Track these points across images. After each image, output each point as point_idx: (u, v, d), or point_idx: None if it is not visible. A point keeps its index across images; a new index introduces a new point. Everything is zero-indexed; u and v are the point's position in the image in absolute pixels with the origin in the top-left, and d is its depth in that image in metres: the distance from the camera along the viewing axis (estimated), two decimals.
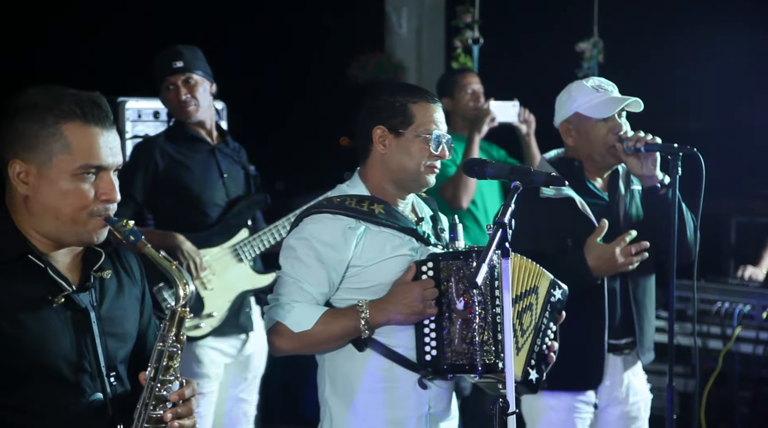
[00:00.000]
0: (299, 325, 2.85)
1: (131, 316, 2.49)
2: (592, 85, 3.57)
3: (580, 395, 3.58)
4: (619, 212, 3.61)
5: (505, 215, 2.73)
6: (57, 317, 2.32)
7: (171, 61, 4.30)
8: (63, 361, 2.31)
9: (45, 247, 2.35)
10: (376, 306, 2.86)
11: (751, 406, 5.12)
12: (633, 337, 3.61)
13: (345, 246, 2.88)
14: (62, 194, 2.30)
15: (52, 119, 2.29)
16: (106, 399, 2.36)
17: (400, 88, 3.04)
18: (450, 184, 5.31)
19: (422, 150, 2.95)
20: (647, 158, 3.50)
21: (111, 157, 2.35)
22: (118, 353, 2.42)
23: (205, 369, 4.23)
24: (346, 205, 2.92)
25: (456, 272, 2.87)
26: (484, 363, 2.85)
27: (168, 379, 2.35)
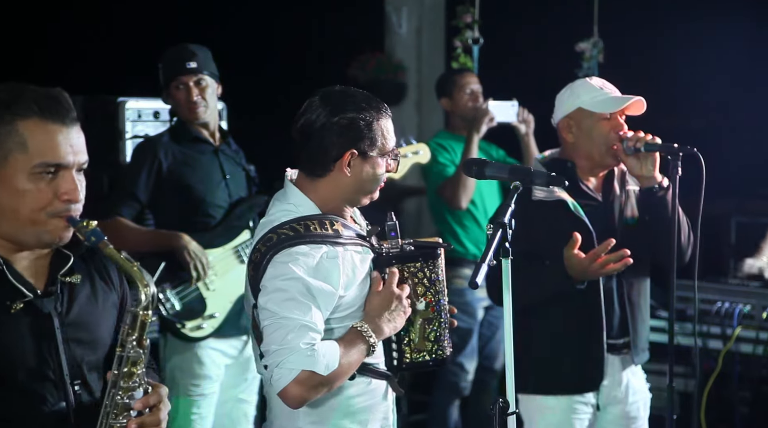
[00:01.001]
0: (328, 368, 2.65)
1: (104, 322, 2.38)
2: (597, 84, 3.58)
3: (579, 396, 3.58)
4: (614, 213, 3.61)
5: (504, 215, 2.74)
6: (15, 324, 2.21)
7: (184, 61, 4.27)
8: (21, 369, 2.21)
9: (6, 251, 2.26)
10: (373, 323, 2.78)
11: (751, 406, 5.12)
12: (630, 337, 3.62)
13: (332, 277, 2.71)
14: (19, 194, 2.20)
15: (8, 116, 2.19)
16: (69, 408, 2.27)
17: (362, 103, 2.79)
18: (449, 184, 5.31)
19: (384, 169, 2.84)
20: (647, 159, 3.49)
21: (72, 155, 2.23)
22: (86, 360, 2.32)
23: (206, 370, 4.23)
24: (312, 231, 2.74)
25: (414, 274, 2.86)
26: (442, 357, 2.92)
27: (131, 386, 2.23)
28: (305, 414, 2.79)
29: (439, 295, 2.90)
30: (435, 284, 2.90)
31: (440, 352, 2.91)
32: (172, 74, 4.28)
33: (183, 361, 4.22)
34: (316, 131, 2.77)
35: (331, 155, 2.77)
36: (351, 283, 2.78)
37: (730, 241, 5.88)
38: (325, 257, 2.72)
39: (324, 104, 2.78)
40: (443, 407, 5.62)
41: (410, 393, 6.01)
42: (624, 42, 6.24)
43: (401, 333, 2.87)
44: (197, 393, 4.23)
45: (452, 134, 5.58)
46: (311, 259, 2.70)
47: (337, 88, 2.86)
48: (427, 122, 7.27)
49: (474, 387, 5.63)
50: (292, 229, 2.74)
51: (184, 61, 4.26)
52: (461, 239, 5.46)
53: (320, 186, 2.81)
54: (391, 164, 2.84)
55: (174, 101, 4.32)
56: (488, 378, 5.67)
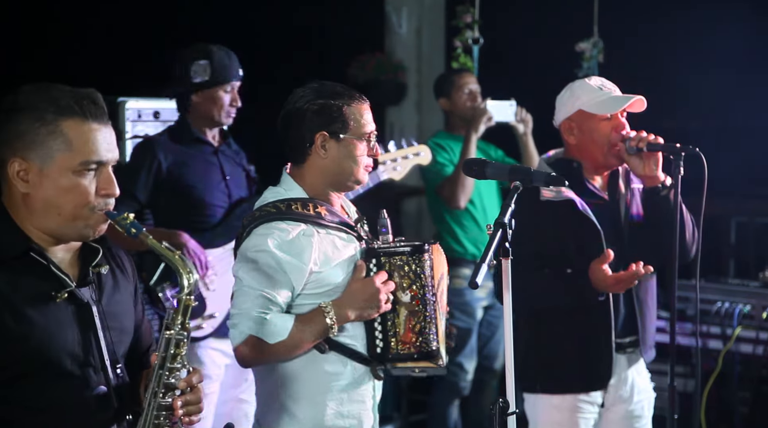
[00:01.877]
0: (275, 336, 2.85)
1: (128, 311, 2.52)
2: (596, 84, 3.58)
3: (584, 395, 3.58)
4: (620, 211, 3.62)
5: (504, 215, 2.74)
6: (61, 312, 2.34)
7: (238, 68, 4.29)
8: (68, 355, 2.34)
9: (45, 244, 2.37)
10: (340, 305, 2.91)
11: (751, 406, 5.12)
12: (637, 335, 3.62)
13: (304, 254, 2.89)
14: (64, 190, 2.33)
15: (51, 116, 2.31)
16: (111, 391, 2.39)
17: (331, 91, 2.98)
18: (448, 183, 5.32)
19: (362, 152, 2.99)
20: (649, 158, 3.50)
21: (109, 152, 2.37)
22: (120, 347, 2.45)
23: (206, 369, 4.23)
24: (293, 210, 2.93)
25: (400, 267, 2.98)
26: (429, 351, 2.99)
27: (176, 367, 2.38)
28: (283, 388, 2.96)
29: (424, 289, 2.98)
30: (421, 278, 2.98)
31: (425, 345, 2.98)
32: (227, 77, 4.25)
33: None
34: (291, 120, 2.98)
35: (306, 139, 2.96)
36: (328, 261, 2.92)
37: (730, 241, 5.88)
38: (301, 235, 2.89)
39: (299, 96, 3.00)
40: (443, 407, 5.62)
41: (410, 393, 6.01)
42: (624, 42, 6.24)
43: (387, 323, 2.97)
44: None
45: (451, 134, 5.58)
46: (287, 234, 2.89)
47: (314, 82, 3.03)
48: (427, 122, 7.26)
49: (474, 387, 5.63)
50: (274, 207, 2.95)
51: (237, 67, 4.29)
52: (460, 238, 5.46)
53: (305, 173, 3.00)
54: (372, 148, 3.00)
55: (212, 101, 4.26)
56: (488, 378, 5.67)
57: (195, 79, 4.24)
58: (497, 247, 2.73)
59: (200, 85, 4.24)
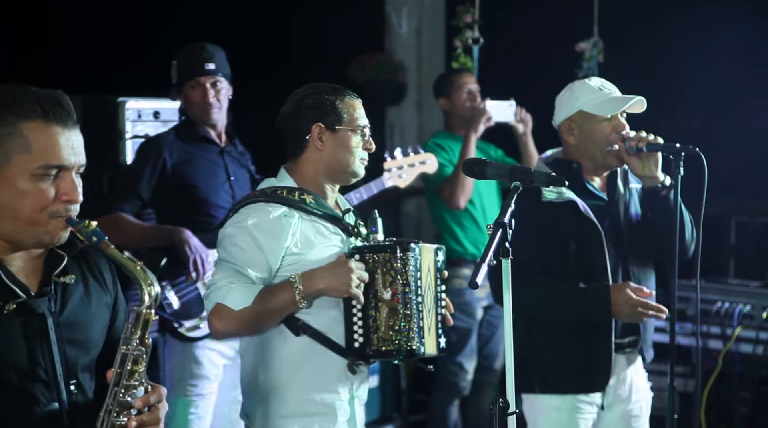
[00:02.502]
0: (238, 303, 2.93)
1: (97, 323, 2.39)
2: (596, 85, 3.58)
3: (583, 395, 3.58)
4: (619, 211, 3.62)
5: (504, 215, 2.74)
6: (7, 324, 2.22)
7: (204, 62, 4.26)
8: (12, 369, 2.22)
9: (1, 251, 2.27)
10: (308, 276, 2.97)
11: (751, 406, 5.12)
12: (636, 335, 3.62)
13: (282, 233, 2.98)
14: (20, 194, 2.21)
15: (11, 117, 2.21)
16: (62, 408, 2.28)
17: (324, 88, 3.12)
18: (447, 183, 5.31)
19: (357, 144, 3.09)
20: (649, 159, 3.50)
21: (73, 156, 2.25)
22: (80, 360, 2.33)
23: (204, 370, 4.22)
24: (278, 194, 3.04)
25: (383, 264, 3.03)
26: (409, 350, 3.03)
27: (132, 384, 2.26)
28: (260, 370, 3.07)
29: (406, 288, 3.02)
30: (403, 276, 3.02)
31: (404, 344, 3.01)
32: (190, 74, 4.27)
33: (181, 361, 4.22)
34: (288, 117, 3.12)
35: (302, 133, 3.08)
36: (309, 245, 3.01)
37: (730, 241, 5.88)
38: (282, 215, 2.99)
39: (293, 96, 3.14)
40: (443, 407, 5.61)
41: (410, 393, 6.01)
42: (624, 42, 6.24)
43: (369, 319, 3.02)
44: (195, 393, 4.22)
45: (450, 134, 5.58)
46: (267, 214, 3.00)
47: (309, 84, 3.15)
48: (427, 122, 7.26)
49: (474, 387, 5.63)
50: (261, 192, 3.09)
51: (204, 61, 4.26)
52: (460, 239, 5.46)
53: (300, 165, 3.12)
54: (367, 142, 3.11)
55: (187, 100, 4.31)
56: (488, 378, 5.67)
57: (173, 80, 4.34)
58: (497, 247, 2.72)
59: (174, 86, 4.34)
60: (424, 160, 4.79)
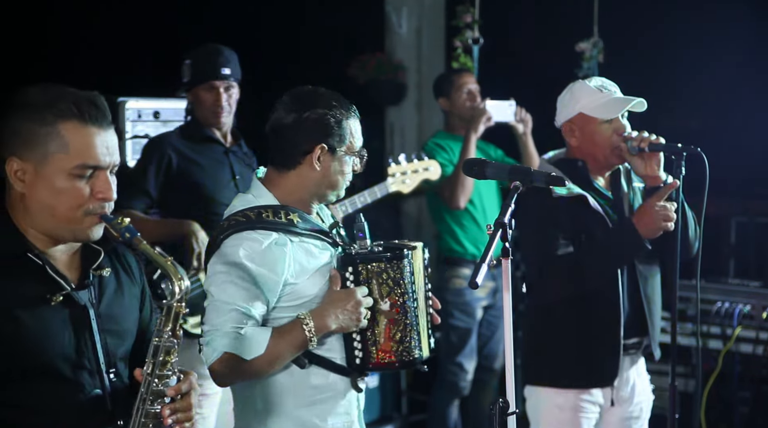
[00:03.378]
0: (251, 352, 2.73)
1: (130, 314, 2.51)
2: (596, 86, 3.57)
3: (586, 394, 3.58)
4: (624, 210, 3.63)
5: (504, 215, 2.74)
6: (55, 315, 2.33)
7: (220, 66, 4.25)
8: (61, 358, 2.33)
9: (43, 245, 2.37)
10: (319, 316, 2.80)
11: (751, 406, 5.12)
12: (640, 337, 3.62)
13: (277, 265, 2.78)
14: (58, 192, 2.32)
15: (50, 117, 2.30)
16: (105, 395, 2.39)
17: (327, 99, 2.88)
18: (448, 184, 5.31)
19: (352, 167, 2.93)
20: (651, 158, 3.51)
21: (108, 156, 2.35)
22: (117, 350, 2.45)
23: (207, 370, 4.21)
24: (264, 218, 2.81)
25: (378, 275, 2.88)
26: (411, 358, 2.92)
27: (165, 374, 2.37)
28: (262, 400, 2.87)
29: (404, 296, 2.90)
30: (400, 285, 2.89)
31: (406, 353, 2.91)
32: (205, 77, 4.26)
33: (186, 361, 4.20)
34: (287, 127, 2.86)
35: (301, 148, 2.85)
36: (303, 272, 2.83)
37: (730, 241, 5.88)
38: (273, 244, 2.79)
39: (294, 102, 2.88)
40: (443, 407, 5.61)
41: (410, 393, 6.01)
42: (624, 42, 6.24)
43: (367, 333, 2.88)
44: (200, 392, 4.21)
45: (450, 134, 5.58)
46: (258, 244, 2.77)
47: (306, 88, 2.94)
48: (427, 122, 7.26)
49: (474, 387, 5.62)
50: (244, 216, 2.83)
51: (220, 66, 4.25)
52: (460, 239, 5.46)
53: (287, 179, 2.89)
54: (357, 164, 2.92)
55: (198, 102, 4.30)
56: (488, 378, 5.67)
57: (183, 79, 4.31)
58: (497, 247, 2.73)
59: (184, 86, 4.31)
60: (427, 166, 4.74)
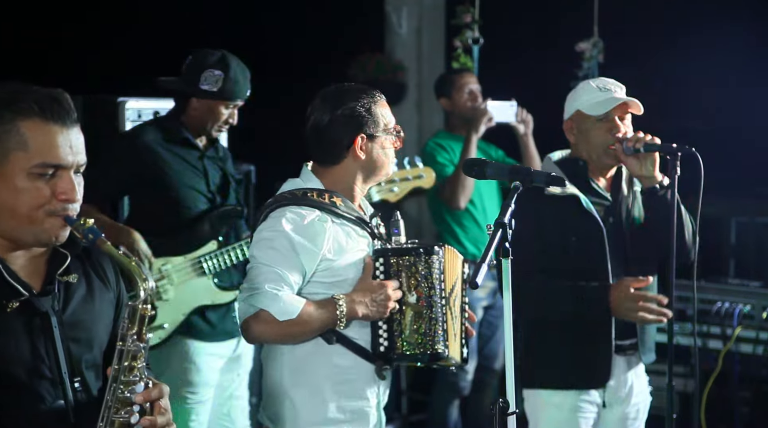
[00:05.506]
0: (285, 314, 2.89)
1: (101, 320, 2.40)
2: (597, 85, 3.59)
3: (584, 394, 3.58)
4: (622, 213, 3.62)
5: (504, 215, 2.75)
6: (12, 322, 2.23)
7: (247, 88, 4.15)
8: (19, 367, 2.23)
9: (2, 249, 2.27)
10: (352, 301, 2.97)
11: (751, 406, 5.12)
12: (637, 338, 3.62)
13: (318, 238, 2.96)
14: (18, 192, 2.22)
15: (9, 115, 2.21)
16: (68, 405, 2.28)
17: (355, 92, 3.11)
18: (448, 184, 5.32)
19: (393, 145, 3.12)
20: (646, 159, 3.50)
21: (71, 156, 2.25)
22: (84, 358, 2.34)
23: (203, 376, 4.18)
24: (308, 198, 3.01)
25: (407, 268, 3.03)
26: (435, 352, 3.02)
27: (131, 380, 2.26)
28: (290, 375, 3.02)
29: (431, 291, 3.02)
30: (428, 279, 3.02)
31: (429, 347, 3.01)
32: (234, 96, 4.12)
33: (179, 371, 4.13)
34: (325, 127, 3.06)
35: (343, 144, 3.05)
36: (341, 250, 2.99)
37: (730, 241, 5.88)
38: (316, 220, 2.96)
39: (325, 102, 3.09)
40: (443, 407, 5.62)
41: (410, 393, 6.01)
42: (624, 42, 6.24)
43: (393, 323, 3.01)
44: (195, 400, 4.15)
45: (451, 134, 5.58)
46: (302, 218, 2.96)
47: (333, 87, 3.14)
48: (427, 122, 7.26)
49: (474, 386, 5.63)
50: (291, 194, 3.05)
51: (248, 88, 4.17)
52: (460, 239, 5.46)
53: (334, 172, 3.09)
54: (396, 141, 3.13)
55: (209, 113, 4.14)
56: (488, 378, 5.67)
57: (202, 86, 4.10)
58: (497, 247, 2.73)
59: (205, 93, 4.11)
60: (419, 174, 4.45)
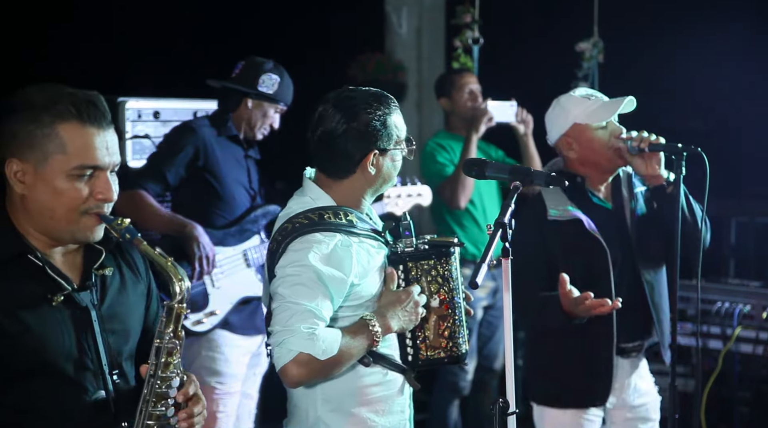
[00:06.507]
0: (326, 353, 2.72)
1: (135, 312, 2.50)
2: (582, 95, 3.58)
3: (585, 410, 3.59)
4: (626, 217, 3.61)
5: (504, 215, 2.74)
6: (57, 315, 2.33)
7: (291, 96, 4.40)
8: (64, 359, 2.32)
9: (43, 246, 2.37)
10: (382, 316, 2.85)
11: (751, 406, 5.12)
12: (642, 340, 3.62)
13: (344, 265, 2.81)
14: (57, 193, 2.32)
15: (48, 118, 2.30)
16: (109, 396, 2.38)
17: (373, 102, 2.91)
18: (448, 184, 5.31)
19: (403, 158, 2.99)
20: (651, 158, 3.50)
21: (107, 157, 2.34)
22: (122, 349, 2.44)
23: (232, 368, 4.29)
24: (326, 220, 2.85)
25: (427, 272, 2.95)
26: (459, 354, 2.99)
27: (168, 376, 2.36)
28: (323, 402, 2.89)
29: (453, 292, 2.97)
30: (448, 282, 2.96)
31: (455, 349, 2.98)
32: (284, 100, 4.38)
33: (209, 361, 4.27)
34: (337, 139, 2.88)
35: (354, 158, 2.89)
36: (365, 273, 2.87)
37: (730, 241, 5.88)
38: (339, 245, 2.82)
39: (338, 111, 2.90)
40: (443, 407, 5.62)
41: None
42: (624, 42, 6.24)
43: (416, 330, 2.94)
44: (223, 391, 4.28)
45: (451, 134, 5.58)
46: (325, 246, 2.80)
47: (345, 92, 2.96)
48: (427, 122, 7.26)
49: (474, 386, 5.63)
50: (306, 218, 2.86)
51: (292, 95, 4.40)
52: (460, 239, 5.45)
53: (342, 185, 2.93)
54: (407, 153, 2.99)
55: (261, 114, 4.36)
56: (488, 378, 5.67)
57: (260, 87, 4.33)
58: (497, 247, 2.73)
59: (262, 95, 4.33)
60: (420, 192, 4.83)
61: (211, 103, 4.76)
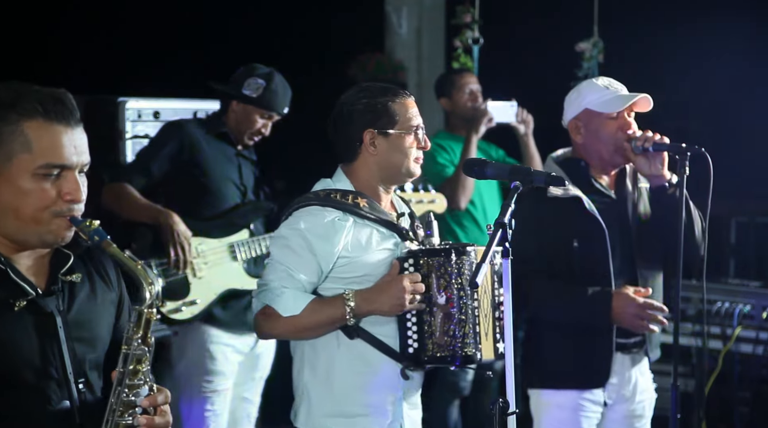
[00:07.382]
0: (288, 310, 2.94)
1: (103, 320, 2.39)
2: (603, 84, 3.60)
3: (587, 393, 3.58)
4: (627, 210, 3.62)
5: (504, 215, 2.75)
6: (19, 322, 2.22)
7: (285, 104, 4.38)
8: (26, 367, 2.22)
9: (7, 250, 2.26)
10: (362, 296, 2.96)
11: (751, 406, 5.12)
12: (641, 336, 3.62)
13: (335, 238, 2.97)
14: (22, 193, 2.20)
15: (13, 116, 2.20)
16: (74, 406, 2.27)
17: (375, 89, 3.11)
18: (448, 184, 5.31)
19: (410, 144, 3.08)
20: (655, 158, 3.51)
21: (75, 156, 2.24)
22: (88, 358, 2.33)
23: (218, 365, 4.27)
24: (331, 198, 3.03)
25: (437, 269, 2.99)
26: (465, 355, 2.99)
27: (136, 384, 2.25)
28: (309, 370, 3.05)
29: (461, 292, 2.98)
30: (458, 281, 2.98)
31: (459, 349, 2.98)
32: (273, 107, 4.35)
33: (195, 357, 4.26)
34: (338, 122, 3.10)
35: (354, 139, 3.07)
36: (361, 247, 2.99)
37: (730, 241, 5.88)
38: (335, 219, 2.98)
39: (345, 99, 3.11)
40: (443, 406, 5.61)
41: None
42: (624, 42, 6.24)
43: (423, 325, 2.97)
44: (210, 389, 4.27)
45: (451, 134, 5.58)
46: (321, 217, 3.00)
47: (354, 86, 3.15)
48: (428, 122, 7.21)
49: (474, 386, 5.62)
50: (314, 195, 3.07)
51: (285, 104, 4.38)
52: (460, 239, 5.46)
53: (355, 169, 3.10)
54: (420, 140, 3.10)
55: (247, 120, 4.36)
56: (488, 378, 5.67)
57: (244, 90, 4.34)
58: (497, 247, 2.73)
59: (244, 98, 4.33)
60: (433, 199, 4.68)
61: (211, 103, 4.77)
